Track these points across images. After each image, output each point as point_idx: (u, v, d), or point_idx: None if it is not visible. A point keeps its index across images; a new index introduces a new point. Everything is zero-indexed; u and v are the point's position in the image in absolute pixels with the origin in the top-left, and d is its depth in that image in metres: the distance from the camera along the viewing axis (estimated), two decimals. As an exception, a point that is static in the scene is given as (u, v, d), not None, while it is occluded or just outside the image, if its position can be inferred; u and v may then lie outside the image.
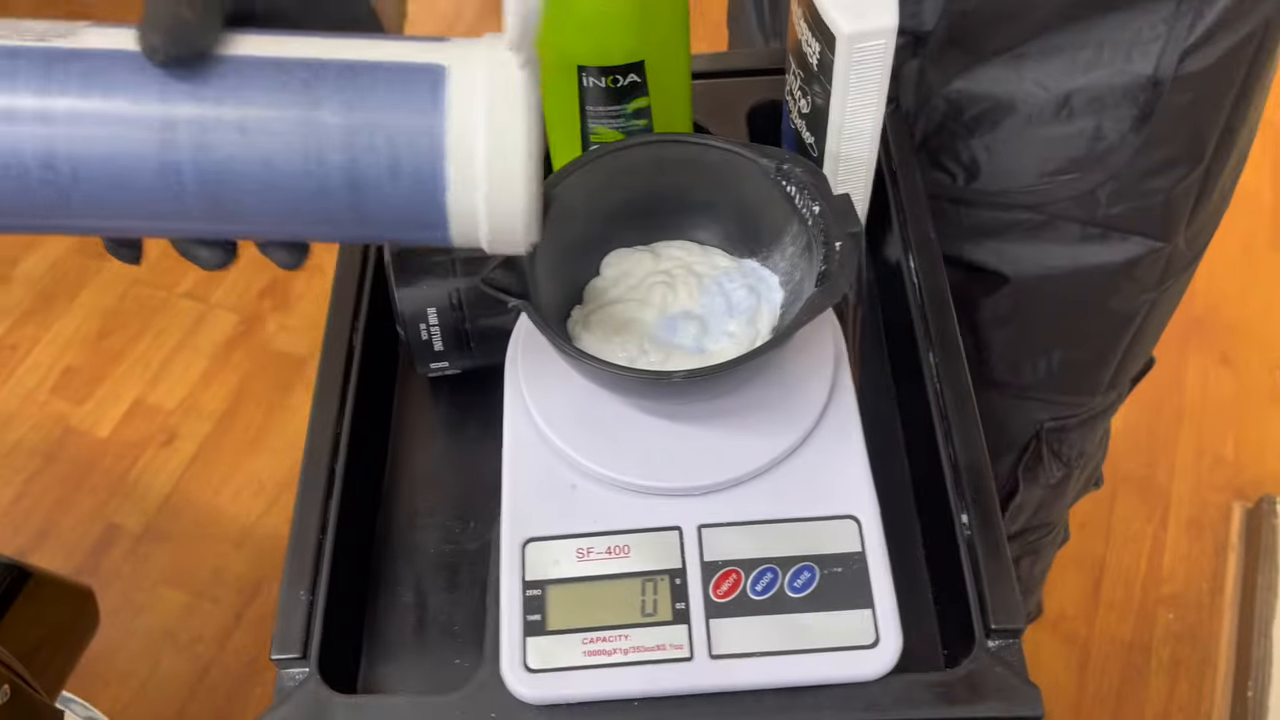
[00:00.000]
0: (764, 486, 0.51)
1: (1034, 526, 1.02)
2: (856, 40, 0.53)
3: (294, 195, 0.37)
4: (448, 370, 0.60)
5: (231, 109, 0.36)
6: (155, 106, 0.36)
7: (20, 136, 0.35)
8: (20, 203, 0.36)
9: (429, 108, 0.36)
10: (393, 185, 0.37)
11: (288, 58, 0.37)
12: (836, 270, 0.48)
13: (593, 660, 0.47)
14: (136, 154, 0.36)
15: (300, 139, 0.36)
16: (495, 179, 0.37)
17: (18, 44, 0.35)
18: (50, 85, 0.35)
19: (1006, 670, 0.48)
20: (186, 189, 0.36)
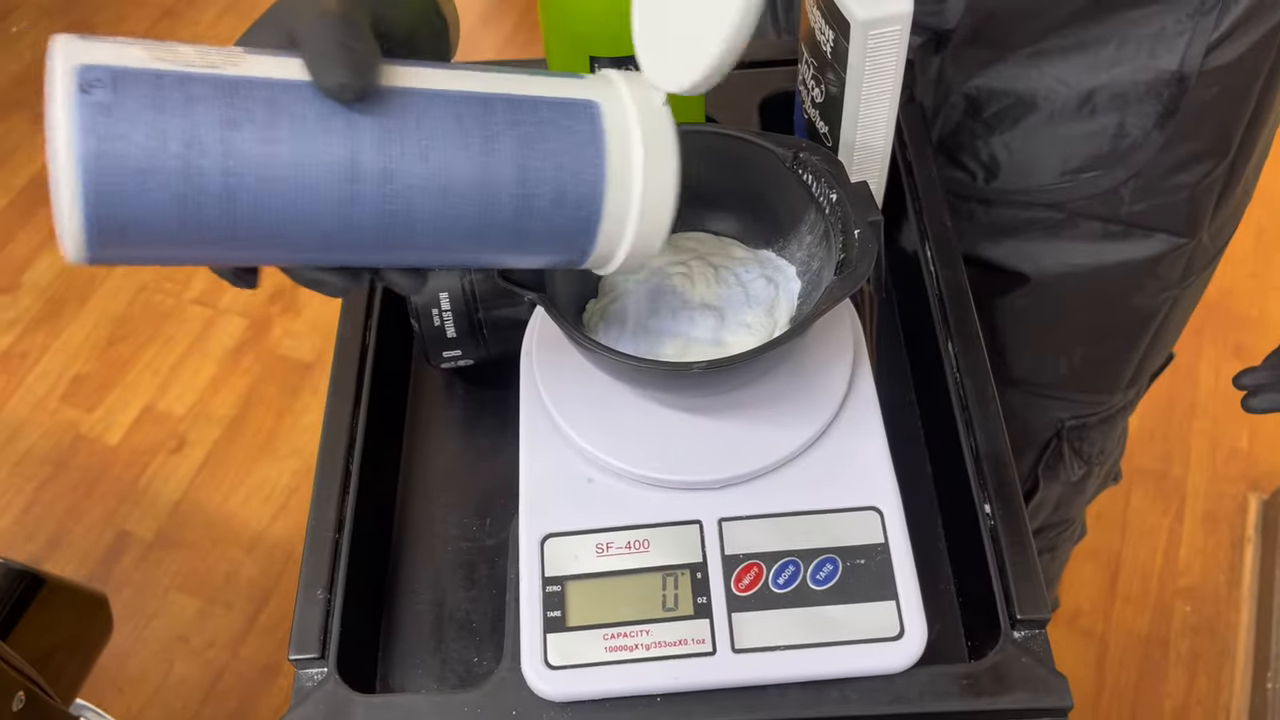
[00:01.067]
0: (784, 478, 0.51)
1: (1053, 524, 1.01)
2: (871, 26, 0.52)
3: (465, 222, 0.38)
4: (461, 361, 0.59)
5: (414, 140, 0.36)
6: (343, 138, 0.36)
7: (204, 168, 0.34)
8: (188, 233, 0.35)
9: (591, 141, 0.39)
10: (556, 213, 0.39)
11: (456, 91, 0.38)
12: (856, 258, 0.47)
13: (614, 656, 0.47)
14: (320, 185, 0.36)
15: (479, 169, 0.37)
16: (648, 210, 0.40)
17: (189, 70, 0.34)
18: (235, 115, 0.34)
19: (1033, 660, 0.48)
20: (363, 218, 0.37)
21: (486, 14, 2.06)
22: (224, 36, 2.12)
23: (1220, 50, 0.63)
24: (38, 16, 2.18)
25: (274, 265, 0.40)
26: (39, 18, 2.18)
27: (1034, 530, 0.98)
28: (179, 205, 0.34)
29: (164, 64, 0.34)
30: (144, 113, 0.33)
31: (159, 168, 0.34)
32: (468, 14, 2.06)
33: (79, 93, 0.33)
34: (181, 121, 0.34)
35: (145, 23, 2.15)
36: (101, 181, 0.33)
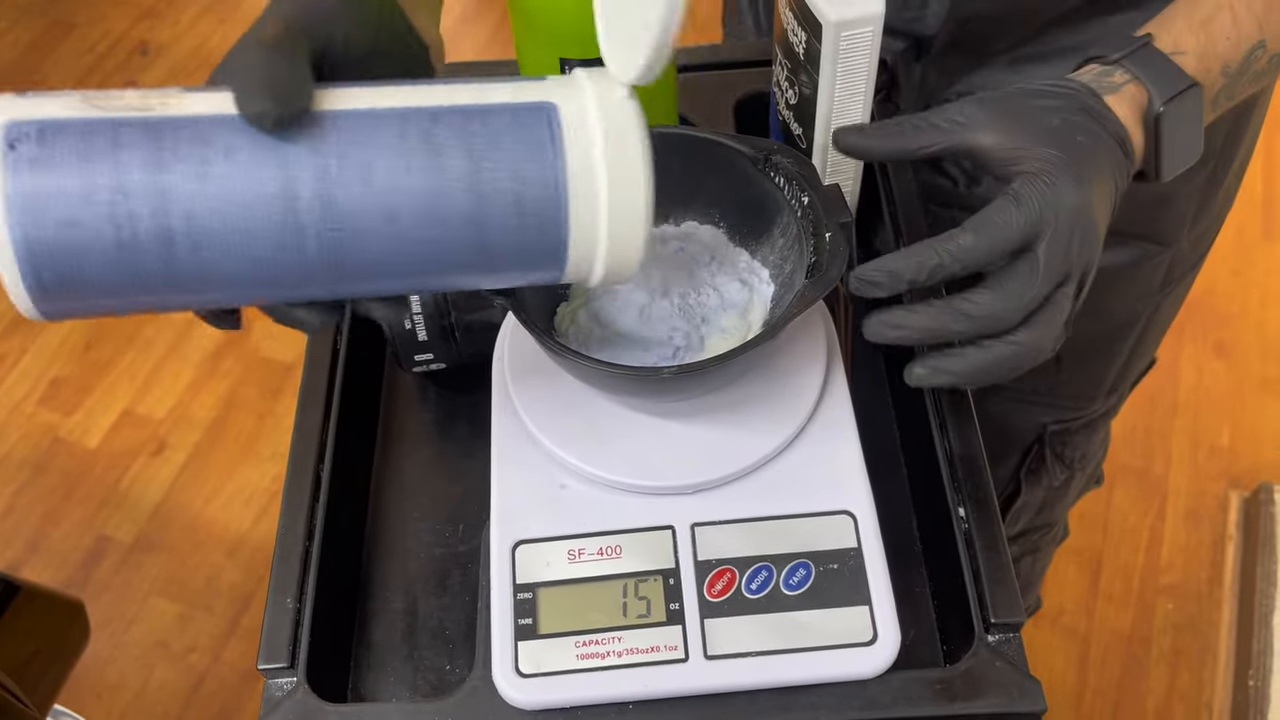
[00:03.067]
0: (758, 483, 0.50)
1: (1036, 527, 1.01)
2: (843, 28, 0.52)
3: (420, 245, 0.37)
4: (433, 365, 0.59)
5: (354, 163, 0.35)
6: (274, 169, 0.35)
7: (135, 213, 0.34)
8: (133, 280, 0.35)
9: (547, 145, 0.37)
10: (519, 225, 0.37)
11: (399, 107, 0.36)
12: (827, 261, 0.47)
13: (586, 664, 0.47)
14: (259, 218, 0.35)
15: (426, 187, 0.36)
16: (617, 212, 0.38)
17: (119, 116, 0.34)
18: (163, 156, 0.34)
19: (1007, 665, 0.47)
20: (309, 249, 0.36)
21: (466, 14, 2.06)
22: (204, 35, 2.11)
23: None
24: (18, 15, 2.16)
25: (239, 305, 0.39)
26: (19, 16, 2.16)
27: (1016, 534, 0.98)
28: (116, 253, 0.34)
29: (97, 112, 0.34)
30: (70, 163, 0.33)
31: (89, 216, 0.33)
32: (447, 15, 2.05)
33: (6, 149, 0.33)
34: (108, 168, 0.33)
35: (125, 22, 2.13)
36: (33, 235, 0.33)
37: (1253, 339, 1.61)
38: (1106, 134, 0.47)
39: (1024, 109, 0.47)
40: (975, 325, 0.44)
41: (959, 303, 0.44)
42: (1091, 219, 0.45)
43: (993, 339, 0.45)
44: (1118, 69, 0.48)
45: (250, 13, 2.15)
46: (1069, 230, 0.44)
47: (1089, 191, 0.45)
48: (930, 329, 0.44)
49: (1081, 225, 0.44)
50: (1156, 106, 0.47)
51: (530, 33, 0.56)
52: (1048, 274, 0.43)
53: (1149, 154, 0.49)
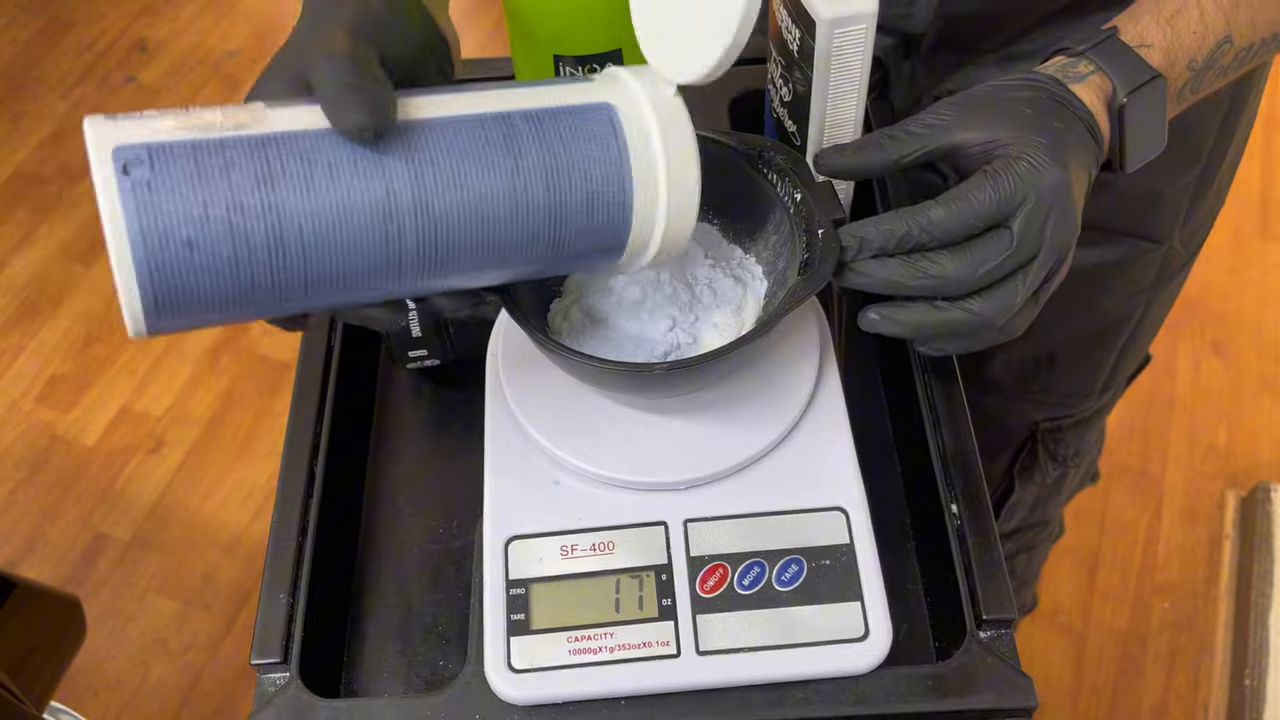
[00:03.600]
0: (750, 479, 0.50)
1: (1030, 524, 1.01)
2: (837, 25, 0.52)
3: (503, 240, 0.39)
4: (427, 361, 0.59)
5: (445, 169, 0.37)
6: (377, 178, 0.36)
7: (251, 230, 0.35)
8: (244, 294, 0.36)
9: (612, 143, 0.40)
10: (589, 218, 0.40)
11: (475, 114, 0.39)
12: (819, 258, 0.47)
13: (578, 659, 0.47)
14: (363, 225, 0.36)
15: (509, 186, 0.38)
16: (674, 201, 0.41)
17: (222, 136, 0.35)
18: (271, 173, 0.35)
19: (998, 661, 0.48)
20: (407, 251, 0.38)
21: (467, 11, 2.06)
22: (202, 32, 2.11)
23: None
24: (16, 13, 2.16)
25: (331, 309, 0.40)
26: (18, 14, 2.16)
27: (1011, 531, 0.98)
28: (231, 268, 0.35)
29: (195, 133, 0.35)
30: (185, 185, 0.34)
31: (207, 235, 0.34)
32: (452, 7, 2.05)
33: (119, 175, 0.34)
34: (222, 188, 0.34)
35: (124, 19, 2.13)
36: (154, 257, 0.34)
37: (1250, 338, 1.62)
38: (1078, 120, 0.47)
39: (997, 102, 0.47)
40: (932, 284, 0.45)
41: (920, 260, 0.45)
42: (1071, 199, 0.45)
43: (947, 301, 0.46)
44: (1082, 60, 0.49)
45: (248, 10, 2.15)
46: (1047, 207, 0.44)
47: (1068, 174, 0.45)
48: (889, 279, 0.45)
49: (1060, 204, 0.45)
50: (1120, 97, 0.48)
51: (524, 31, 0.56)
52: (1017, 250, 0.44)
53: (1113, 144, 0.49)
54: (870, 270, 0.45)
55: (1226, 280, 1.68)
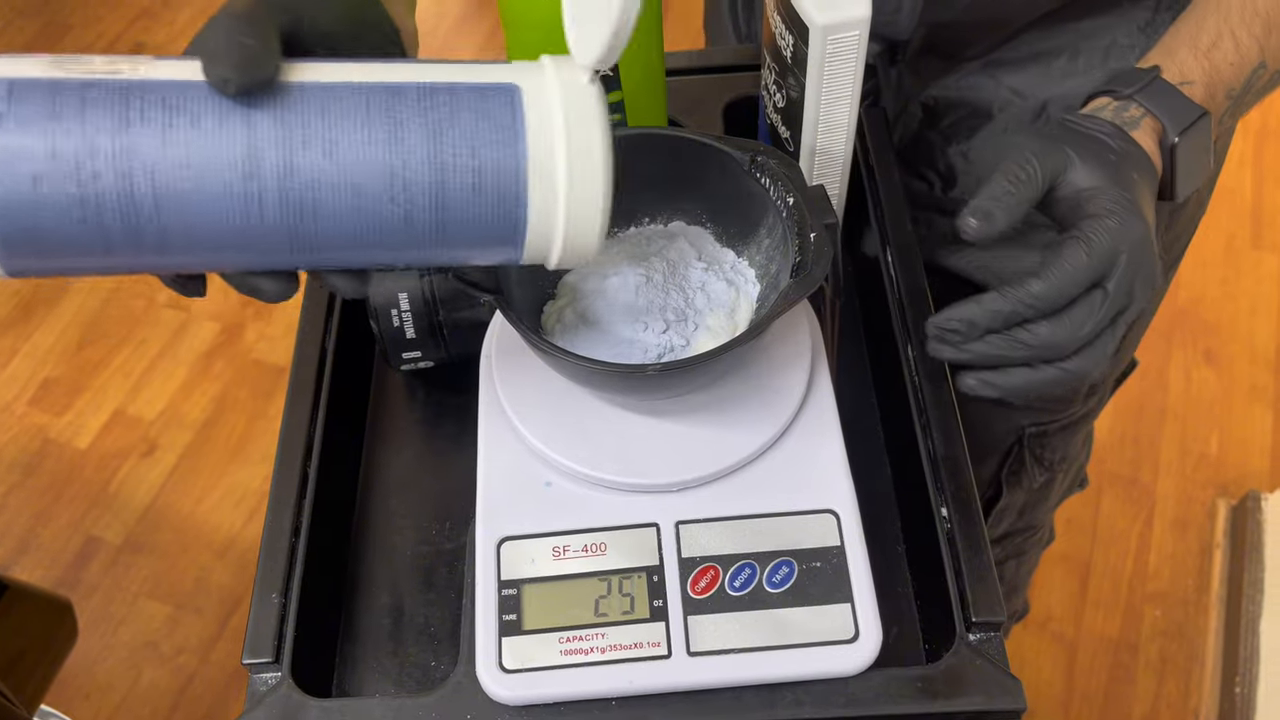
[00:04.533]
0: (741, 481, 0.51)
1: (1019, 529, 1.01)
2: (830, 31, 0.53)
3: (377, 217, 0.37)
4: (421, 363, 0.59)
5: (317, 133, 0.36)
6: (240, 134, 0.35)
7: (99, 172, 0.34)
8: (96, 240, 0.35)
9: (509, 125, 0.37)
10: (477, 202, 0.37)
11: (364, 82, 0.37)
12: (811, 262, 0.47)
13: (569, 660, 0.47)
14: (221, 182, 0.35)
15: (386, 160, 0.36)
16: (576, 193, 0.38)
17: (88, 77, 0.34)
18: (130, 117, 0.34)
19: (987, 663, 0.48)
20: (268, 216, 0.36)
21: (465, 14, 2.06)
22: (199, 39, 2.11)
23: None
24: (13, 16, 2.16)
25: (200, 270, 0.39)
26: (14, 17, 2.16)
27: (1000, 536, 0.98)
28: (80, 209, 0.34)
29: (65, 73, 0.34)
30: (37, 120, 0.33)
31: (54, 172, 0.34)
32: (447, 15, 2.06)
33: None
34: (76, 126, 0.34)
35: (121, 24, 2.14)
36: (2, 188, 0.33)
37: (1241, 347, 1.62)
38: (1150, 172, 0.48)
39: (1092, 145, 0.47)
40: (1032, 353, 0.45)
41: (1021, 333, 0.44)
42: (1153, 250, 0.46)
43: (1046, 363, 0.46)
44: (1132, 104, 0.49)
45: (246, 16, 2.16)
46: (1136, 264, 0.45)
47: (1149, 226, 0.46)
48: (988, 355, 0.45)
49: (1146, 258, 0.45)
50: (1171, 138, 0.48)
51: (520, 40, 0.57)
52: (1111, 306, 0.44)
53: (1165, 179, 0.50)
54: (975, 349, 0.45)
55: (1218, 290, 1.69)
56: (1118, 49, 0.64)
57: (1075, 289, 0.44)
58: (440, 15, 2.03)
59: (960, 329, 0.45)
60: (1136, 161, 0.47)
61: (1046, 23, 0.63)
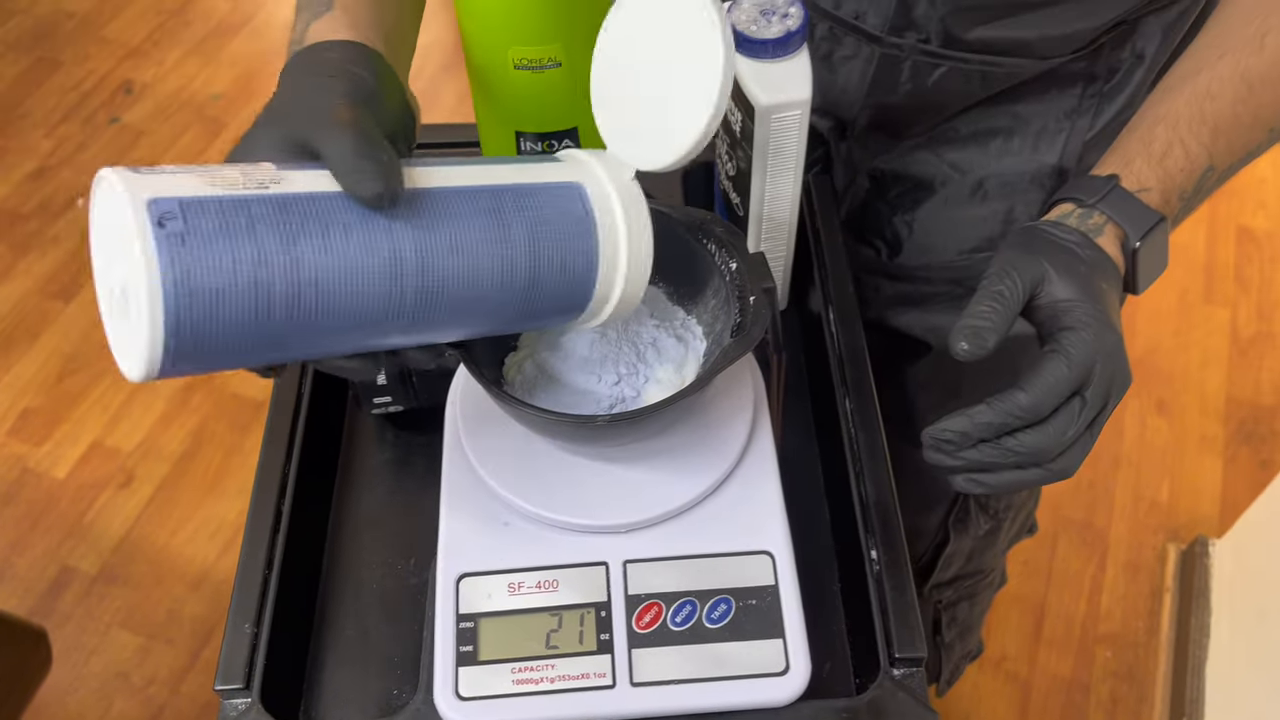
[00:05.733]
0: (686, 524, 0.55)
1: (969, 573, 1.05)
2: (773, 111, 0.57)
3: (488, 299, 0.44)
4: (391, 407, 0.63)
5: (444, 234, 0.42)
6: (384, 241, 0.40)
7: (271, 282, 0.38)
8: (259, 341, 0.39)
9: (583, 219, 0.46)
10: (560, 284, 0.46)
11: (468, 186, 0.43)
12: (750, 322, 0.51)
13: (521, 689, 0.50)
14: (371, 281, 0.40)
15: (499, 253, 0.43)
16: (632, 271, 0.47)
17: (246, 193, 0.38)
18: (291, 230, 0.38)
19: (908, 696, 0.52)
20: (406, 307, 0.41)
21: (446, 63, 2.12)
22: (188, 76, 2.16)
23: (1095, 148, 0.69)
24: (3, 50, 2.20)
25: (327, 356, 0.43)
26: (5, 51, 2.20)
27: (950, 579, 1.02)
28: (252, 317, 0.38)
29: (219, 189, 0.37)
30: (215, 239, 0.36)
31: (234, 286, 0.37)
32: (428, 63, 2.11)
33: (155, 227, 0.35)
34: (248, 242, 0.37)
35: (110, 61, 2.18)
36: (184, 307, 0.36)
37: (1193, 398, 1.68)
38: (1115, 277, 0.52)
39: (1065, 255, 0.51)
40: (1020, 459, 0.48)
41: (1009, 441, 0.48)
42: (1124, 354, 0.50)
43: (1033, 465, 0.49)
44: (1095, 212, 0.53)
45: (234, 56, 2.21)
46: (1111, 371, 0.49)
47: (1119, 332, 0.50)
48: (981, 463, 0.49)
49: (1119, 363, 0.49)
50: (1133, 243, 0.53)
51: (489, 109, 0.61)
52: (1088, 412, 0.48)
53: (1128, 277, 0.54)
54: (968, 457, 0.49)
55: (1171, 342, 1.75)
56: (1047, 133, 0.69)
57: (1057, 399, 0.47)
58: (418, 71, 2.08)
59: (954, 439, 0.48)
60: (1103, 270, 0.51)
61: (983, 106, 0.69)
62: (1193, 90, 0.55)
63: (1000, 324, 0.48)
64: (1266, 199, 1.94)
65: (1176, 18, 0.66)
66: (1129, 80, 0.68)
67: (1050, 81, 0.67)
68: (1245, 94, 0.54)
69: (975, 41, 0.63)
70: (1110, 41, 0.66)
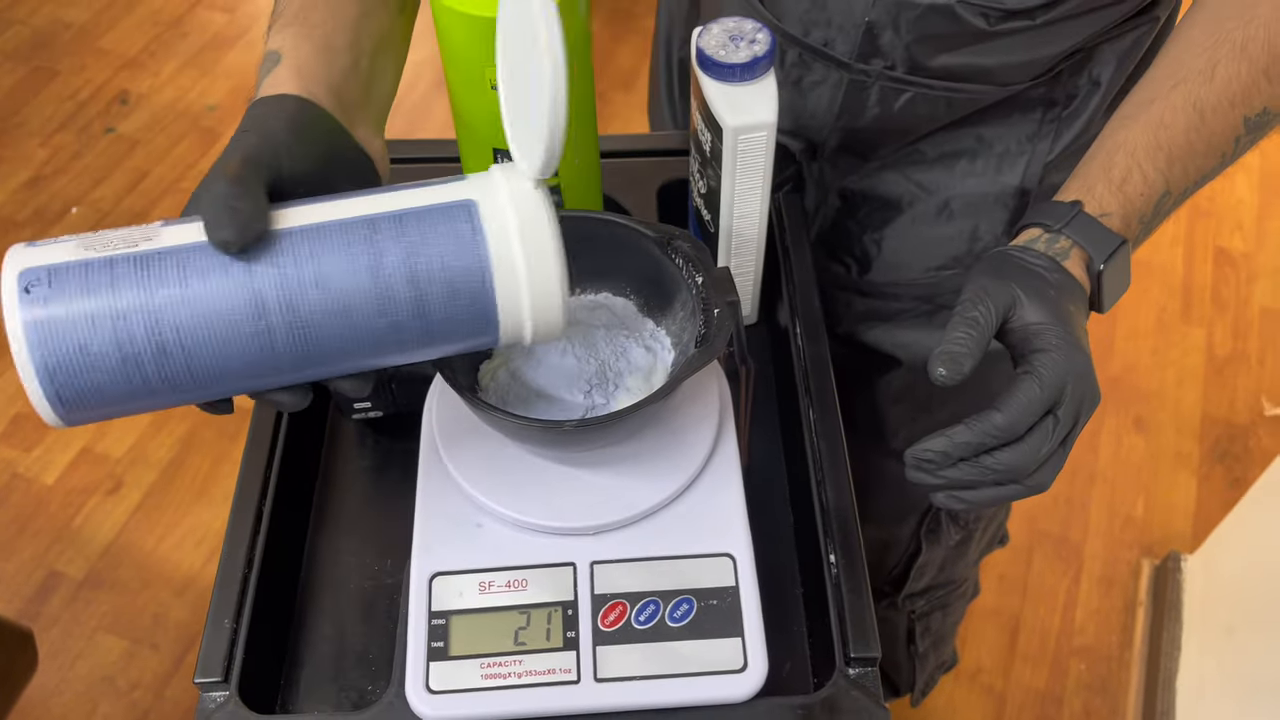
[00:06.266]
0: (651, 526, 0.57)
1: (941, 583, 1.08)
2: (740, 132, 0.60)
3: (370, 331, 0.44)
4: (371, 413, 0.65)
5: (309, 271, 0.43)
6: (244, 283, 0.42)
7: (133, 333, 0.41)
8: (137, 388, 0.42)
9: (470, 236, 0.44)
10: (452, 307, 0.45)
11: (342, 219, 0.44)
12: (714, 335, 0.54)
13: (489, 683, 0.52)
14: (235, 324, 0.42)
15: (369, 283, 0.43)
16: (536, 286, 0.45)
17: (111, 254, 0.41)
18: (150, 283, 0.41)
19: (862, 694, 0.54)
20: (278, 346, 0.43)
21: (438, 81, 2.14)
22: (183, 88, 2.18)
23: (1055, 170, 0.72)
24: (1, 59, 2.23)
25: (226, 396, 0.46)
26: (2, 61, 2.22)
27: (923, 589, 1.05)
28: (121, 367, 0.41)
29: (92, 253, 0.41)
30: (76, 299, 0.40)
31: (96, 340, 0.40)
32: (420, 81, 2.14)
33: (21, 293, 0.40)
34: (109, 299, 0.41)
35: (107, 72, 2.20)
36: (51, 360, 0.40)
37: (1169, 415, 1.71)
38: (1082, 298, 0.55)
39: (1034, 280, 0.53)
40: (997, 476, 0.51)
41: (986, 459, 0.50)
42: (1093, 373, 0.52)
43: (1011, 481, 0.51)
44: (1061, 237, 0.56)
45: (229, 68, 2.23)
46: (1081, 390, 0.51)
47: (1087, 353, 0.52)
48: (960, 481, 0.51)
49: (1088, 382, 0.52)
50: (1097, 265, 0.55)
51: (468, 127, 0.64)
52: (1060, 431, 0.51)
53: (1093, 297, 0.57)
54: (948, 475, 0.51)
55: (1149, 360, 1.77)
56: (1010, 155, 0.72)
57: (1031, 419, 0.50)
58: (410, 87, 2.11)
59: (934, 459, 0.51)
60: (1071, 292, 0.54)
61: (948, 129, 0.71)
62: (1148, 119, 0.57)
63: (975, 349, 0.51)
64: (1244, 220, 1.97)
65: (1131, 46, 0.69)
66: (1086, 105, 0.71)
67: (1012, 106, 0.70)
68: (1198, 122, 0.57)
69: (939, 69, 0.66)
70: (1068, 69, 0.69)
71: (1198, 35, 0.59)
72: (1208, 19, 0.59)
